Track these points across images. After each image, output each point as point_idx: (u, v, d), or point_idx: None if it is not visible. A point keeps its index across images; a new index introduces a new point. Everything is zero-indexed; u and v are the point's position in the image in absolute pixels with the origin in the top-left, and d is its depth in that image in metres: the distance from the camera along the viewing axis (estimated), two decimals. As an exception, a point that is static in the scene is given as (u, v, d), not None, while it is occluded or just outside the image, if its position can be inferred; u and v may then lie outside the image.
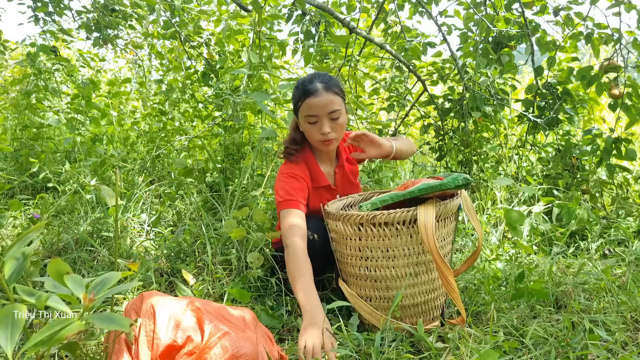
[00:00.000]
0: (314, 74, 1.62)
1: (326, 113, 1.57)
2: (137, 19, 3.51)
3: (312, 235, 1.58)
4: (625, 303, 1.49)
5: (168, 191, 2.62)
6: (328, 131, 1.59)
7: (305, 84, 1.58)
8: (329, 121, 1.59)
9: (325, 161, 1.77)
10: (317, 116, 1.58)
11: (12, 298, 0.82)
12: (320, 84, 1.57)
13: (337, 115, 1.59)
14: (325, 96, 1.56)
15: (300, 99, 1.59)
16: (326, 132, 1.58)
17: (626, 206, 2.59)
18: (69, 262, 1.85)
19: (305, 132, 1.65)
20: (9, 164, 3.05)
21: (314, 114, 1.57)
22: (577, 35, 2.76)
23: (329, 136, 1.59)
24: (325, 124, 1.58)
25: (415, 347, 1.33)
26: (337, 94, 1.59)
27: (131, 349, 1.04)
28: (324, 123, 1.58)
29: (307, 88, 1.57)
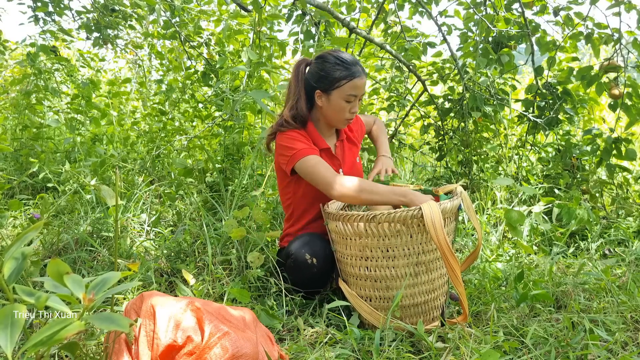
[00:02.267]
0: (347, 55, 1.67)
1: (361, 94, 1.68)
2: (137, 19, 3.51)
3: (311, 259, 1.57)
4: (625, 303, 1.49)
5: (168, 191, 2.62)
6: (356, 110, 1.70)
7: (350, 65, 1.64)
8: (358, 101, 1.69)
9: (326, 136, 1.81)
10: (356, 96, 1.66)
11: (12, 298, 0.82)
12: (360, 67, 1.66)
13: (362, 97, 1.71)
14: (364, 79, 1.67)
15: (345, 78, 1.63)
16: (353, 111, 1.70)
17: (626, 206, 2.59)
18: (69, 262, 1.85)
19: (334, 109, 1.67)
20: (9, 164, 3.04)
21: (355, 94, 1.65)
22: (577, 35, 2.75)
23: (353, 116, 1.71)
24: (356, 104, 1.69)
25: (415, 347, 1.33)
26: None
27: (131, 349, 1.04)
28: (356, 103, 1.68)
29: (354, 70, 1.64)
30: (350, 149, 1.87)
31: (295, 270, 1.60)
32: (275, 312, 1.55)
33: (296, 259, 1.58)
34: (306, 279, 1.62)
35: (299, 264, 1.58)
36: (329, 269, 1.61)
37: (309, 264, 1.56)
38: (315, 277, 1.60)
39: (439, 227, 1.27)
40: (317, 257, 1.57)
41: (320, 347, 1.29)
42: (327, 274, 1.63)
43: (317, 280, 1.63)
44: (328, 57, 1.65)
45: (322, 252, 1.57)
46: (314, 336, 1.42)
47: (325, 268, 1.59)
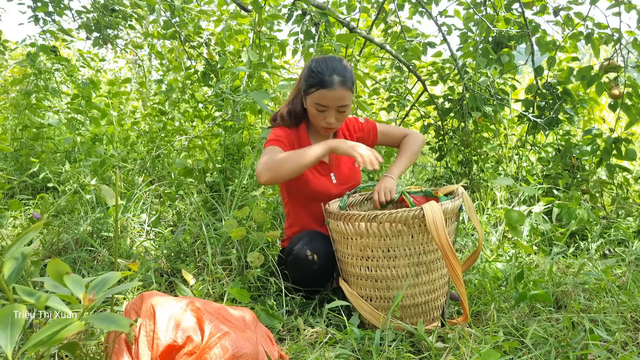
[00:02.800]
0: (332, 63, 1.61)
1: (336, 106, 1.61)
2: (137, 19, 3.51)
3: (312, 256, 1.57)
4: (625, 303, 1.49)
5: (168, 191, 2.62)
6: (333, 122, 1.64)
7: (324, 75, 1.58)
8: (335, 112, 1.62)
9: (316, 139, 1.76)
10: (326, 107, 1.61)
11: (12, 298, 0.82)
12: (338, 77, 1.58)
13: (345, 109, 1.63)
14: (339, 91, 1.58)
15: (314, 87, 1.60)
16: (331, 122, 1.63)
17: (626, 206, 2.59)
18: (69, 262, 1.85)
19: (310, 113, 1.67)
20: (9, 164, 3.04)
21: (325, 104, 1.61)
22: (577, 35, 2.75)
23: (332, 125, 1.65)
24: (331, 115, 1.63)
25: (416, 347, 1.33)
26: (349, 88, 1.61)
27: (131, 349, 1.04)
28: (330, 114, 1.63)
29: (325, 80, 1.58)
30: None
31: (296, 267, 1.60)
32: (275, 312, 1.55)
33: (297, 256, 1.58)
34: (307, 277, 1.61)
35: (299, 261, 1.57)
36: (329, 268, 1.60)
37: (309, 261, 1.56)
38: (315, 274, 1.60)
39: (441, 228, 1.27)
40: (318, 254, 1.56)
41: (320, 347, 1.29)
42: (327, 273, 1.63)
43: (318, 279, 1.63)
44: (314, 61, 1.64)
45: (323, 249, 1.57)
46: (314, 336, 1.42)
47: (326, 266, 1.58)
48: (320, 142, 1.58)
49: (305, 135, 1.75)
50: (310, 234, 1.64)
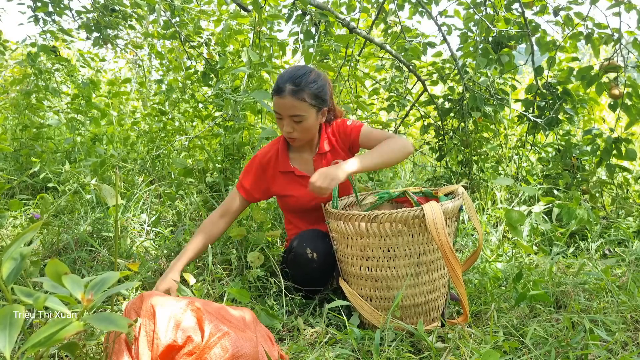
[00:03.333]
0: (293, 71, 1.59)
1: (288, 115, 1.59)
2: (137, 19, 3.51)
3: (312, 254, 1.56)
4: (625, 303, 1.49)
5: (168, 191, 2.62)
6: (289, 131, 1.61)
7: (278, 79, 1.59)
8: (291, 122, 1.60)
9: (300, 148, 1.75)
10: (280, 114, 1.60)
11: (11, 298, 0.82)
12: (291, 85, 1.55)
13: (300, 119, 1.59)
14: (289, 100, 1.56)
15: (272, 93, 1.61)
16: (287, 131, 1.62)
17: (626, 206, 2.59)
18: (69, 262, 1.85)
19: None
20: (9, 164, 3.04)
21: (277, 111, 1.60)
22: (577, 35, 2.75)
23: (290, 135, 1.63)
24: (286, 124, 1.61)
25: (416, 347, 1.33)
26: (304, 100, 1.56)
27: (131, 349, 1.04)
28: (285, 123, 1.61)
29: (277, 85, 1.58)
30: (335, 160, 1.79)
31: (296, 265, 1.60)
32: (275, 312, 1.55)
33: (297, 253, 1.58)
34: (306, 275, 1.61)
35: (299, 258, 1.57)
36: (329, 267, 1.60)
37: (309, 259, 1.56)
38: (315, 273, 1.59)
39: (441, 228, 1.27)
40: (318, 252, 1.56)
41: (320, 347, 1.29)
42: (327, 272, 1.63)
43: (318, 278, 1.63)
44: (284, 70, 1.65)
45: (323, 247, 1.57)
46: (314, 336, 1.42)
47: (326, 264, 1.58)
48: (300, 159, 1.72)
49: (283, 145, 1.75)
50: (311, 232, 1.64)
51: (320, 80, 1.62)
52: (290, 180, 1.73)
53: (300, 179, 1.72)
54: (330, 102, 1.70)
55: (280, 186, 1.73)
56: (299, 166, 1.74)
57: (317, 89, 1.59)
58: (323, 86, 1.62)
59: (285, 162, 1.73)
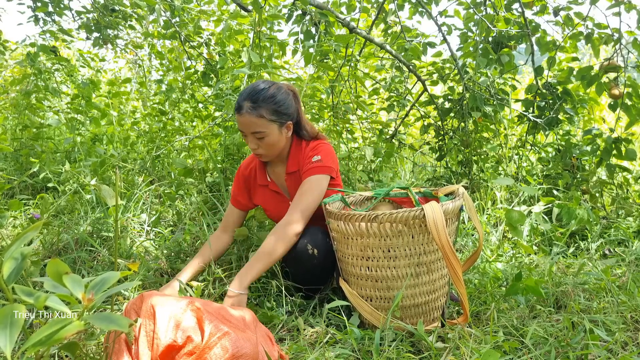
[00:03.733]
0: (251, 88, 1.58)
1: (249, 132, 1.59)
2: (137, 19, 3.51)
3: (312, 250, 1.56)
4: (625, 303, 1.49)
5: (168, 191, 2.62)
6: (254, 147, 1.62)
7: (238, 98, 1.58)
8: (254, 138, 1.60)
9: (274, 162, 1.77)
10: (243, 132, 1.61)
11: (11, 298, 0.82)
12: (248, 102, 1.55)
13: (262, 135, 1.58)
14: (246, 117, 1.55)
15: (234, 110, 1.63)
16: (252, 148, 1.63)
17: (626, 206, 2.59)
18: (69, 262, 1.85)
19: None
20: (9, 164, 3.04)
21: (240, 129, 1.61)
22: (577, 35, 2.76)
23: (256, 152, 1.64)
24: (250, 141, 1.62)
25: (416, 347, 1.33)
26: (262, 116, 1.55)
27: (131, 349, 1.04)
28: (249, 140, 1.62)
29: (238, 103, 1.57)
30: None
31: (296, 262, 1.60)
32: (275, 311, 1.55)
33: (297, 250, 1.58)
34: (307, 271, 1.61)
35: (299, 255, 1.57)
36: (329, 263, 1.60)
37: (309, 255, 1.56)
38: (315, 269, 1.59)
39: (441, 228, 1.27)
40: (318, 248, 1.57)
41: (320, 347, 1.29)
42: (327, 269, 1.63)
43: (318, 275, 1.63)
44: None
45: (324, 244, 1.58)
46: (314, 336, 1.42)
47: (326, 261, 1.58)
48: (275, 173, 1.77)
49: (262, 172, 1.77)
50: (311, 229, 1.64)
51: (281, 94, 1.60)
52: (266, 193, 1.77)
53: (274, 193, 1.76)
54: (296, 115, 1.67)
55: (260, 198, 1.79)
56: (275, 179, 1.78)
57: (275, 103, 1.58)
58: (283, 100, 1.60)
59: (262, 175, 1.77)
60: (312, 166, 1.63)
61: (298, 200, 1.58)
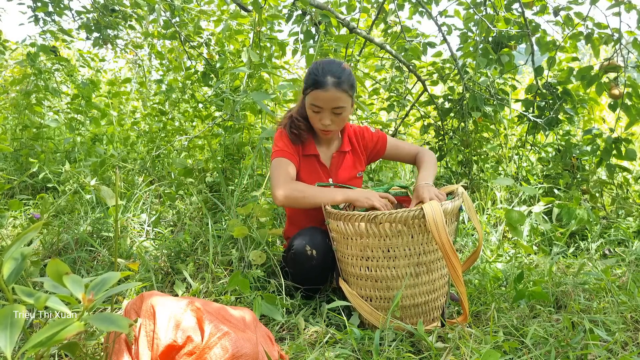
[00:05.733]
0: (329, 65, 1.62)
1: (330, 107, 1.61)
2: (137, 19, 3.51)
3: (311, 251, 1.57)
4: (625, 303, 1.49)
5: (168, 191, 2.62)
6: (328, 123, 1.64)
7: (318, 76, 1.60)
8: (330, 114, 1.63)
9: (323, 143, 1.79)
10: (321, 108, 1.62)
11: (11, 298, 0.82)
12: (332, 78, 1.58)
13: (341, 111, 1.62)
14: (332, 92, 1.58)
15: (308, 87, 1.62)
16: (326, 124, 1.64)
17: (626, 206, 2.59)
18: (69, 262, 1.85)
19: (308, 115, 1.69)
20: (9, 164, 3.04)
21: (318, 105, 1.62)
22: (577, 35, 2.76)
23: (328, 127, 1.65)
24: (326, 117, 1.63)
25: (416, 347, 1.33)
26: (345, 91, 1.60)
27: (131, 349, 1.04)
28: (325, 115, 1.63)
29: (318, 80, 1.59)
30: (353, 162, 1.82)
31: (296, 263, 1.61)
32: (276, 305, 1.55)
33: (296, 251, 1.59)
34: (306, 272, 1.62)
35: (298, 256, 1.58)
36: (329, 264, 1.60)
37: (308, 256, 1.57)
38: (315, 270, 1.60)
39: (442, 228, 1.27)
40: (317, 249, 1.57)
41: (320, 347, 1.29)
42: (327, 269, 1.63)
43: (318, 275, 1.63)
44: (314, 64, 1.65)
45: (322, 244, 1.58)
46: (314, 336, 1.42)
47: (325, 262, 1.59)
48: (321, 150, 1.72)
49: (311, 143, 1.76)
50: (310, 230, 1.64)
51: (350, 70, 1.66)
52: (310, 164, 1.75)
53: (320, 166, 1.76)
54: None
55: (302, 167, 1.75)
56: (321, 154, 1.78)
57: (352, 79, 1.64)
58: (354, 77, 1.66)
59: (311, 145, 1.75)
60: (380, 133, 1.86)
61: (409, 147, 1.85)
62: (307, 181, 1.73)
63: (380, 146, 1.85)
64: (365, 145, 1.85)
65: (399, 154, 1.88)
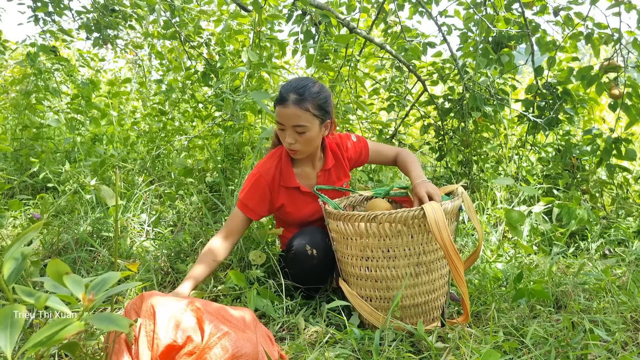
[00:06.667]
0: (297, 82, 1.58)
1: (291, 125, 1.55)
2: (137, 19, 3.51)
3: (311, 250, 1.56)
4: (625, 303, 1.49)
5: (168, 191, 2.62)
6: (290, 142, 1.57)
7: (282, 90, 1.56)
8: (293, 132, 1.56)
9: (303, 162, 1.73)
10: (283, 125, 1.57)
11: (12, 298, 0.82)
12: (294, 95, 1.53)
13: (303, 130, 1.55)
14: (292, 109, 1.52)
15: (275, 105, 1.58)
16: (289, 142, 1.58)
17: (626, 206, 2.59)
18: (69, 262, 1.85)
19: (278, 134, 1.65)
20: (9, 164, 3.04)
21: (280, 121, 1.57)
22: (577, 35, 2.76)
23: (292, 147, 1.58)
24: (288, 135, 1.57)
25: (416, 347, 1.33)
26: (306, 109, 1.53)
27: (131, 349, 1.04)
28: (288, 133, 1.57)
29: (281, 95, 1.55)
30: (338, 176, 1.79)
31: (296, 263, 1.60)
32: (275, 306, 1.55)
33: (296, 251, 1.58)
34: (306, 272, 1.61)
35: (298, 255, 1.58)
36: (329, 263, 1.60)
37: (308, 255, 1.57)
38: (315, 269, 1.60)
39: (443, 227, 1.27)
40: (317, 248, 1.57)
41: (320, 347, 1.29)
42: (327, 269, 1.63)
43: (318, 274, 1.63)
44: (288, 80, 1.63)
45: (323, 244, 1.58)
46: (314, 336, 1.42)
47: (326, 261, 1.58)
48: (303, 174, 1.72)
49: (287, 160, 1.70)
50: (310, 229, 1.64)
51: (324, 92, 1.60)
52: (293, 196, 1.71)
53: (304, 195, 1.71)
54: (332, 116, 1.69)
55: (284, 199, 1.71)
56: (302, 182, 1.72)
57: (320, 100, 1.57)
58: (327, 98, 1.60)
59: (290, 177, 1.69)
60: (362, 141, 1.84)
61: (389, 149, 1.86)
62: (294, 212, 1.71)
63: (364, 155, 1.83)
64: (349, 157, 1.80)
65: (381, 158, 1.86)
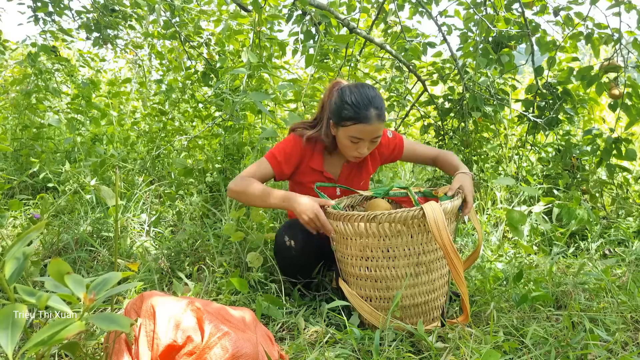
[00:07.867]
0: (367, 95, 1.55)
1: (370, 138, 1.58)
2: (137, 19, 3.51)
3: (289, 242, 1.60)
4: (625, 303, 1.49)
5: (168, 191, 2.62)
6: (365, 152, 1.61)
7: (361, 109, 1.53)
8: (369, 143, 1.59)
9: (334, 155, 1.76)
10: (361, 139, 1.57)
11: (13, 298, 0.82)
12: (375, 111, 1.53)
13: (378, 139, 1.60)
14: (375, 125, 1.54)
15: (351, 120, 1.54)
16: (364, 153, 1.60)
17: (626, 206, 2.59)
18: (69, 262, 1.85)
19: (341, 143, 1.63)
20: (9, 164, 3.04)
21: (361, 137, 1.57)
22: (577, 35, 2.76)
23: (363, 155, 1.62)
24: (365, 146, 1.59)
25: (416, 347, 1.33)
26: (384, 120, 1.57)
27: (131, 349, 1.04)
28: (364, 145, 1.59)
29: (363, 114, 1.53)
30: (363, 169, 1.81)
31: (277, 255, 1.67)
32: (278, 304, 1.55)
33: (277, 242, 1.65)
34: (288, 263, 1.66)
35: (278, 247, 1.64)
36: (311, 254, 1.63)
37: (287, 246, 1.61)
38: (295, 260, 1.63)
39: (442, 227, 1.27)
40: (296, 239, 1.61)
41: (320, 347, 1.29)
42: (309, 258, 1.65)
43: (301, 266, 1.66)
44: (345, 92, 1.57)
45: (301, 235, 1.60)
46: (314, 336, 1.42)
47: (304, 251, 1.61)
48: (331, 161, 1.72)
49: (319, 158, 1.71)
50: (291, 221, 1.67)
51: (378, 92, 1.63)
52: (314, 177, 1.74)
53: (327, 180, 1.75)
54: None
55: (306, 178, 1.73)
56: (327, 168, 1.75)
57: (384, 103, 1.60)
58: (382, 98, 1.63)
59: (319, 161, 1.72)
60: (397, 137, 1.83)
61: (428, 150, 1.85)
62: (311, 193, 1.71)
63: (397, 151, 1.83)
64: (381, 152, 1.81)
65: (416, 157, 1.86)
